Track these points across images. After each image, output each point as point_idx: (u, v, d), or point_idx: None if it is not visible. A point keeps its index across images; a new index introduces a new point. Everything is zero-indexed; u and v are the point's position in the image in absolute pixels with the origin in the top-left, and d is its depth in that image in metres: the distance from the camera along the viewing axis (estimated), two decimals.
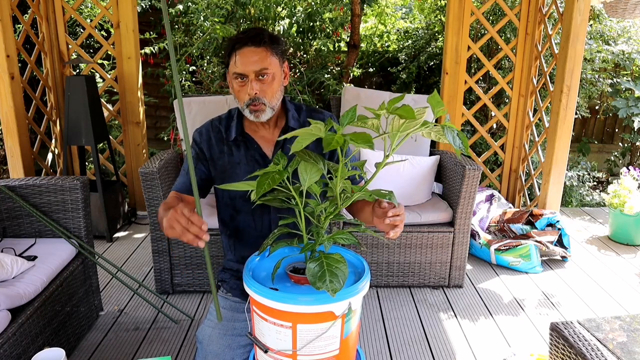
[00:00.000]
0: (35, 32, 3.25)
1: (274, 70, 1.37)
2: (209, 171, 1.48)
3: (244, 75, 1.35)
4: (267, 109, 1.38)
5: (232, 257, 1.55)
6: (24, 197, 2.03)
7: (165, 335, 2.19)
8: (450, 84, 3.37)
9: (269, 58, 1.35)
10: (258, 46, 1.34)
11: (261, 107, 1.37)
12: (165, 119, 5.28)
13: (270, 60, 1.35)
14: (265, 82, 1.36)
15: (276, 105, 1.41)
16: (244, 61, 1.34)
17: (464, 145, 0.96)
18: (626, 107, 4.26)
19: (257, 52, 1.34)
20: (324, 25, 4.49)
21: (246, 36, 1.34)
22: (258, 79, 1.35)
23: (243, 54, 1.34)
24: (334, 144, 0.93)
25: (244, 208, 1.46)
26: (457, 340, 2.19)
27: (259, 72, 1.34)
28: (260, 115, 1.39)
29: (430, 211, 2.56)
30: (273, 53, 1.36)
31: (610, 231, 3.32)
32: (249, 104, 1.37)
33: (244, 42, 1.34)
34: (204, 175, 1.48)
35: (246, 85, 1.36)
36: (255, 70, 1.34)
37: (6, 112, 2.94)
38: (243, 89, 1.37)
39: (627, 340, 1.35)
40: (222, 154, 1.46)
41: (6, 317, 1.56)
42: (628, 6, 2.65)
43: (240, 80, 1.37)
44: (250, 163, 1.45)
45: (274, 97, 1.39)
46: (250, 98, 1.36)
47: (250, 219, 1.47)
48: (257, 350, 1.05)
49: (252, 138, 1.46)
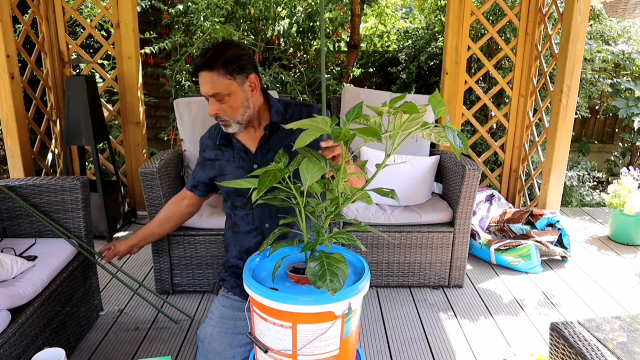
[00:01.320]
0: (35, 32, 3.25)
1: (229, 90, 1.44)
2: (204, 176, 1.69)
3: (205, 96, 1.46)
4: (232, 124, 1.50)
5: (233, 251, 1.62)
6: (24, 197, 2.03)
7: (165, 335, 2.18)
8: (450, 84, 3.37)
9: (220, 81, 1.42)
10: (210, 71, 1.41)
11: (226, 123, 1.50)
12: (165, 119, 5.28)
13: (222, 83, 1.42)
14: (223, 102, 1.45)
15: (242, 118, 1.50)
16: (201, 84, 1.44)
17: (464, 146, 0.96)
18: (626, 107, 4.26)
19: (210, 77, 1.42)
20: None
21: (200, 61, 1.42)
22: (216, 100, 1.45)
23: (200, 78, 1.44)
24: (342, 137, 0.94)
25: (237, 202, 1.59)
26: (457, 340, 2.19)
27: (213, 95, 1.44)
28: (228, 129, 1.52)
29: (430, 211, 2.56)
30: (226, 75, 1.42)
31: (610, 231, 3.32)
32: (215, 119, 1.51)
33: (199, 68, 1.43)
34: (201, 179, 1.71)
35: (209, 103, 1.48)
36: (209, 94, 1.44)
37: (6, 112, 2.94)
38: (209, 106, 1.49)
39: (627, 340, 1.35)
40: (217, 156, 1.63)
41: (6, 317, 1.56)
42: (628, 6, 2.65)
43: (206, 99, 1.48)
44: (236, 160, 1.59)
45: (236, 113, 1.48)
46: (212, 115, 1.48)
47: (244, 213, 1.59)
48: (257, 350, 1.05)
49: (236, 140, 1.59)
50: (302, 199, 1.03)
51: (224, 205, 1.69)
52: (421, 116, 0.95)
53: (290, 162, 1.04)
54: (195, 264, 2.47)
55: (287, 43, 4.58)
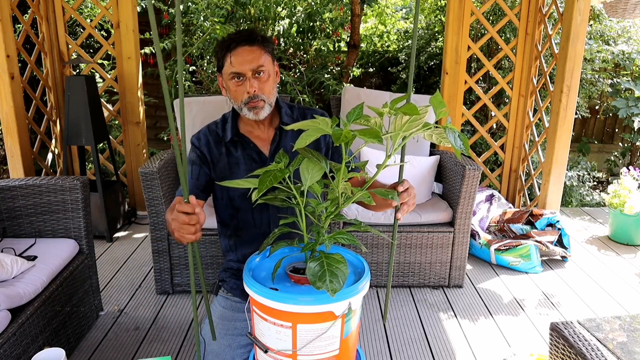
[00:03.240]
0: (35, 32, 3.25)
1: (269, 67, 1.40)
2: (210, 172, 1.49)
3: (241, 74, 1.37)
4: (265, 106, 1.41)
5: (233, 257, 1.55)
6: (24, 197, 2.03)
7: (165, 335, 2.18)
8: (450, 84, 3.37)
9: (263, 56, 1.38)
10: (252, 45, 1.37)
11: (260, 104, 1.40)
12: (165, 119, 5.28)
13: (264, 58, 1.38)
14: (262, 79, 1.39)
15: (273, 101, 1.44)
16: (241, 60, 1.36)
17: (464, 146, 0.96)
18: (626, 107, 4.26)
19: (252, 51, 1.37)
20: (324, 25, 4.49)
21: (240, 36, 1.37)
22: (255, 77, 1.38)
23: (238, 54, 1.36)
24: (342, 138, 0.93)
25: (243, 206, 1.48)
26: (457, 340, 2.19)
27: (255, 70, 1.37)
28: (260, 112, 1.41)
29: (430, 211, 2.56)
30: (266, 51, 1.39)
31: (610, 231, 3.32)
32: (247, 102, 1.39)
33: (237, 42, 1.36)
34: (208, 178, 1.49)
35: (244, 84, 1.38)
36: (252, 68, 1.37)
37: (6, 112, 2.94)
38: (240, 88, 1.39)
39: (627, 340, 1.35)
40: (221, 156, 1.48)
41: (6, 317, 1.56)
42: (628, 6, 2.65)
43: (237, 80, 1.39)
44: (247, 162, 1.47)
45: (271, 93, 1.42)
46: (249, 96, 1.38)
47: (250, 216, 1.49)
48: (257, 350, 1.05)
49: (248, 138, 1.48)
50: (302, 199, 1.03)
51: (219, 212, 1.55)
52: (422, 117, 0.95)
53: (290, 162, 1.04)
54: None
55: (287, 43, 4.58)
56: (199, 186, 1.48)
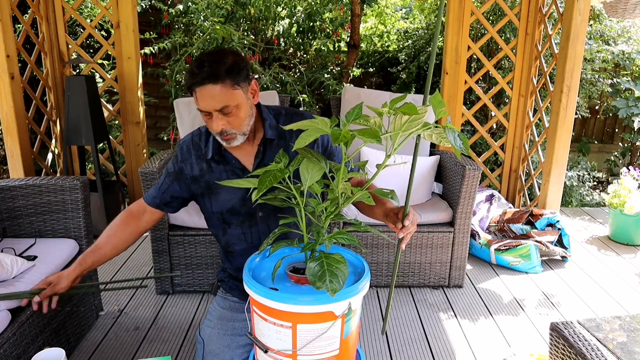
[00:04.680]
0: (35, 32, 3.25)
1: (237, 101, 1.30)
2: (182, 190, 1.48)
3: (208, 112, 1.30)
4: (237, 136, 1.35)
5: (229, 266, 1.55)
6: (24, 197, 2.03)
7: (165, 335, 2.18)
8: (450, 84, 3.37)
9: (229, 93, 1.28)
10: (216, 83, 1.25)
11: (232, 136, 1.34)
12: (165, 119, 5.28)
13: (230, 94, 1.28)
14: (230, 115, 1.30)
15: (247, 129, 1.36)
16: (205, 100, 1.27)
17: (464, 146, 0.96)
18: (626, 107, 4.26)
19: (215, 90, 1.26)
20: (324, 25, 4.49)
21: (202, 73, 1.25)
22: (223, 114, 1.30)
23: (202, 93, 1.27)
24: (341, 138, 0.93)
25: (232, 221, 1.45)
26: (457, 340, 2.18)
27: (220, 109, 1.28)
28: (232, 142, 1.35)
29: (430, 211, 2.56)
30: (233, 85, 1.28)
31: (610, 231, 3.32)
32: (219, 134, 1.34)
33: (201, 80, 1.26)
34: (176, 194, 1.48)
35: (212, 119, 1.31)
36: (216, 108, 1.28)
37: (6, 112, 2.94)
38: (210, 122, 1.32)
39: (627, 340, 1.35)
40: (202, 171, 1.44)
41: (6, 317, 1.56)
42: (628, 6, 2.65)
43: (205, 115, 1.32)
44: (230, 177, 1.41)
45: (243, 124, 1.34)
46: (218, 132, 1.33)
47: (240, 232, 1.46)
48: (257, 350, 1.05)
49: (230, 154, 1.43)
50: (302, 199, 1.04)
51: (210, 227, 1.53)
52: (422, 117, 0.95)
53: (290, 163, 1.04)
54: (195, 264, 2.47)
55: (287, 43, 4.58)
56: (163, 200, 1.49)
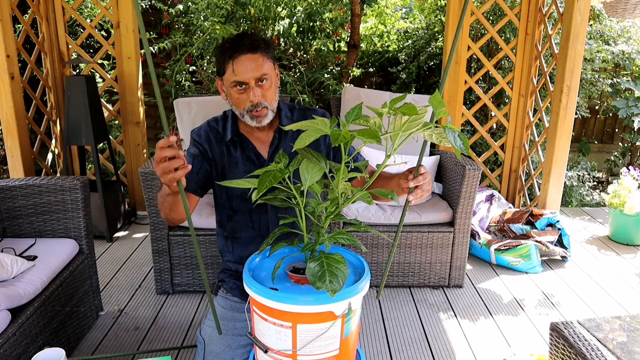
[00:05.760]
0: (35, 32, 3.25)
1: (271, 74, 1.38)
2: (211, 170, 1.48)
3: (244, 83, 1.35)
4: (269, 112, 1.40)
5: (230, 257, 1.55)
6: (24, 197, 2.03)
7: (165, 335, 2.19)
8: (450, 84, 3.37)
9: (266, 63, 1.36)
10: (255, 52, 1.34)
11: (263, 112, 1.39)
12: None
13: (267, 65, 1.36)
14: (265, 87, 1.37)
15: (275, 107, 1.43)
16: (243, 69, 1.33)
17: (464, 146, 0.96)
18: (626, 107, 4.25)
19: (255, 59, 1.34)
20: (324, 25, 4.49)
21: (242, 44, 1.33)
22: (258, 85, 1.36)
23: (241, 62, 1.33)
24: (341, 139, 0.93)
25: (241, 208, 1.47)
26: (457, 340, 2.19)
27: (259, 78, 1.35)
28: (263, 120, 1.40)
29: (430, 211, 2.56)
30: (268, 57, 1.37)
31: (610, 231, 3.32)
32: (250, 110, 1.38)
33: (240, 50, 1.33)
34: (207, 175, 1.47)
35: (246, 92, 1.36)
36: (255, 77, 1.34)
37: (6, 112, 2.94)
38: (243, 96, 1.37)
39: (627, 340, 1.35)
40: (221, 154, 1.47)
41: (6, 317, 1.56)
42: (628, 6, 2.65)
43: (239, 87, 1.36)
44: (246, 163, 1.46)
45: (274, 99, 1.41)
46: (252, 104, 1.37)
47: (248, 218, 1.48)
48: (257, 350, 1.05)
49: (248, 139, 1.48)
50: (302, 199, 1.04)
51: (218, 212, 1.55)
52: (422, 117, 0.95)
53: (290, 163, 1.04)
54: (195, 264, 2.47)
55: (287, 43, 4.58)
56: (198, 182, 1.45)
